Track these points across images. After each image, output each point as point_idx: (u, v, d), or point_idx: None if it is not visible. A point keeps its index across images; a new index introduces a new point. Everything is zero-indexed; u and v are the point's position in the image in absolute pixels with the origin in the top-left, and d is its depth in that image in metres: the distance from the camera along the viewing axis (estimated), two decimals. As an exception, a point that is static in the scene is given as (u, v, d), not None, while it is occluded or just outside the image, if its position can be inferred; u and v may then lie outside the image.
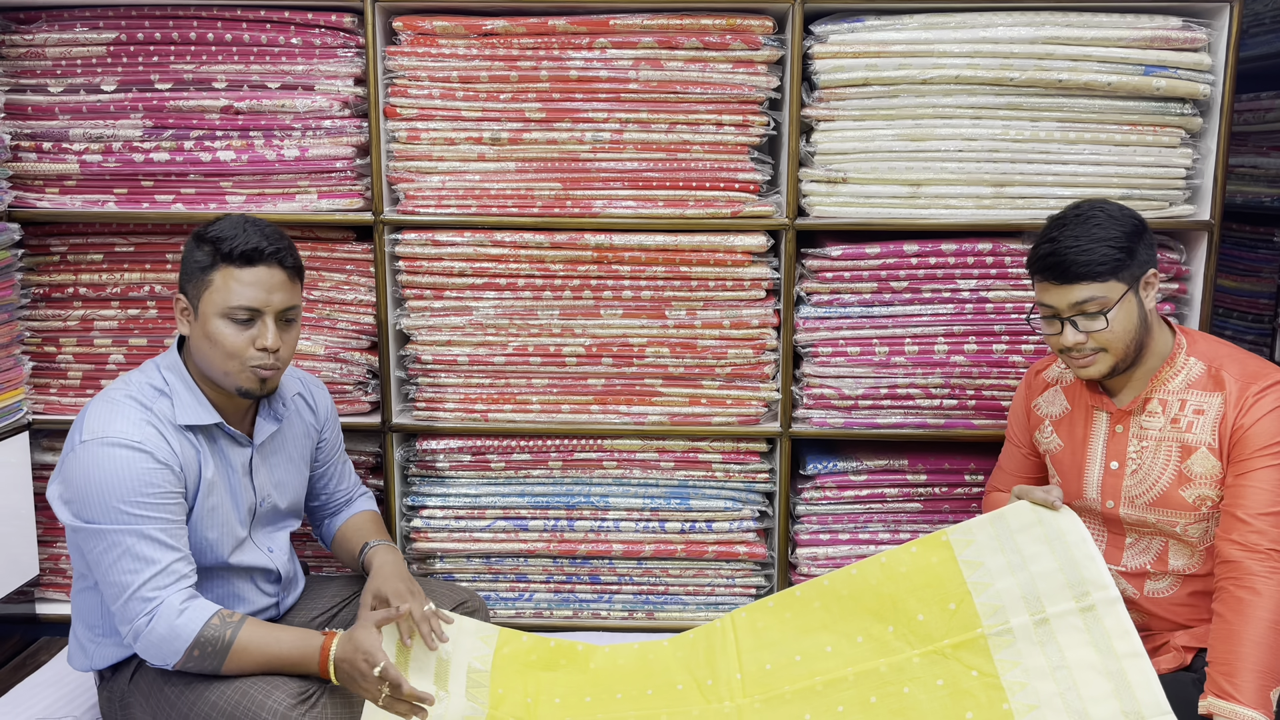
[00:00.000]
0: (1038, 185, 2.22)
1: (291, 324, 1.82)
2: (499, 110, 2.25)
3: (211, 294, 1.75)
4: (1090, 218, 1.73)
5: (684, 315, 2.32)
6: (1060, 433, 1.93)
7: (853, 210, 2.24)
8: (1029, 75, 2.15)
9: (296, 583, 2.03)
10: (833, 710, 1.79)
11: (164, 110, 2.26)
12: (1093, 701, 1.66)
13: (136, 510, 1.67)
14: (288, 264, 1.78)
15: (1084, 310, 1.73)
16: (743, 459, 2.39)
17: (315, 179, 2.28)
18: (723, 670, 1.93)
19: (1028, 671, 1.72)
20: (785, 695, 1.84)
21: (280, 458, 1.94)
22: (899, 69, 2.17)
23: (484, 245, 2.29)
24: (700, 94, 2.23)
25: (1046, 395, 1.99)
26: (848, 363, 2.30)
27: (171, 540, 1.70)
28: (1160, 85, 2.15)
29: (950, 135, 2.20)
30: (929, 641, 1.81)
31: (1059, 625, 1.73)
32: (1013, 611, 1.77)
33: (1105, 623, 1.70)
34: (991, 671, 1.74)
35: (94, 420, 1.71)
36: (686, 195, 2.26)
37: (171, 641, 1.67)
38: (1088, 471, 1.88)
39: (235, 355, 1.75)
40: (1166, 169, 2.21)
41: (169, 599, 1.68)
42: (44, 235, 2.37)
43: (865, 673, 1.82)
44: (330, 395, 2.12)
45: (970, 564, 1.85)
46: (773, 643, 1.94)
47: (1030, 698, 1.69)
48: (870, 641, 1.86)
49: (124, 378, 1.82)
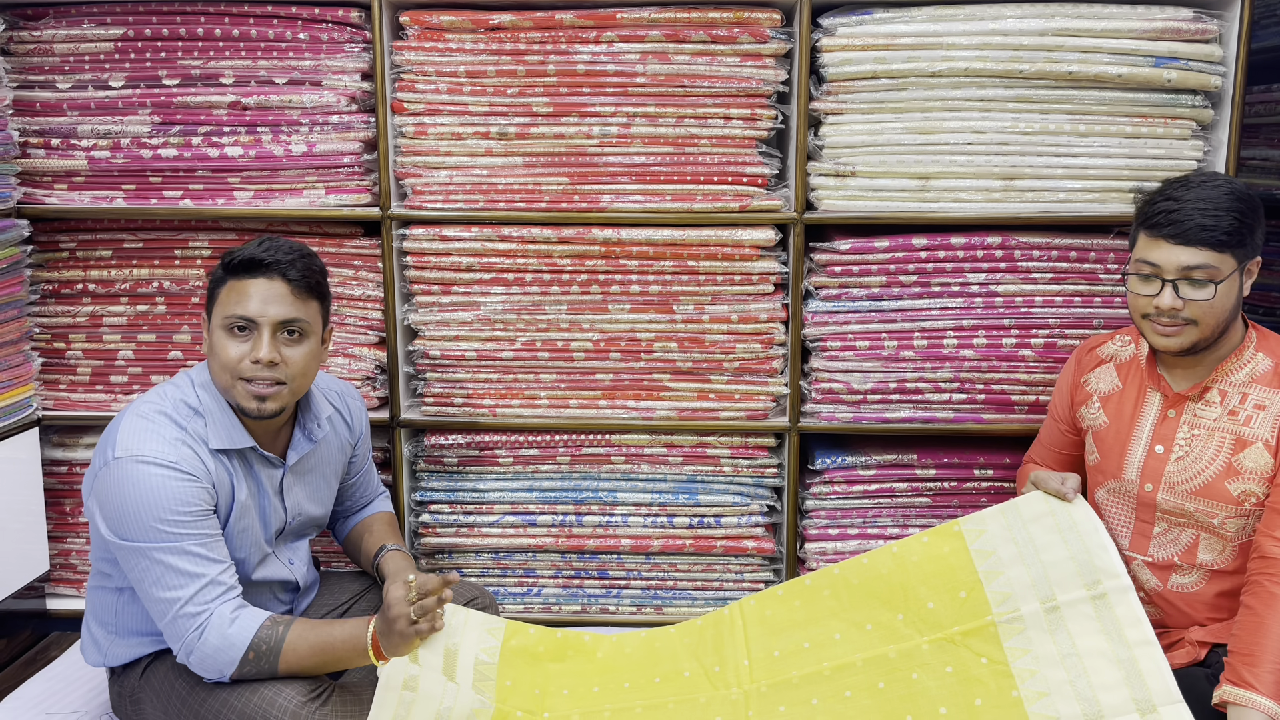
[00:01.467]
0: (1047, 178, 2.20)
1: (297, 341, 1.76)
2: (506, 105, 2.25)
3: (218, 307, 1.75)
4: (1220, 186, 1.71)
5: (692, 310, 2.31)
6: (1108, 409, 1.91)
7: (861, 204, 2.23)
8: (1039, 67, 2.14)
9: (313, 588, 2.04)
10: (840, 695, 1.79)
11: (172, 106, 2.26)
12: (1103, 689, 1.65)
13: (174, 529, 1.66)
14: (291, 276, 1.74)
15: (1190, 276, 1.70)
16: (751, 454, 2.38)
17: (323, 174, 2.28)
18: (730, 657, 1.93)
19: (1037, 659, 1.72)
20: (793, 680, 1.83)
21: (314, 476, 1.95)
22: (908, 61, 2.16)
23: (491, 240, 2.29)
24: (708, 88, 2.22)
25: (1099, 371, 1.96)
26: (856, 357, 2.30)
27: (212, 554, 1.69)
28: (1171, 77, 2.14)
29: (959, 128, 2.19)
30: (939, 629, 1.81)
31: (1070, 613, 1.73)
32: (1023, 599, 1.77)
33: (1117, 611, 1.70)
34: (1001, 659, 1.74)
35: (127, 436, 1.69)
36: (694, 189, 2.26)
37: (226, 651, 1.66)
38: (1130, 451, 1.85)
39: (229, 367, 1.73)
40: (1178, 161, 2.19)
41: (218, 610, 1.67)
42: (53, 231, 2.38)
43: (874, 659, 1.82)
44: (363, 402, 2.11)
45: (982, 553, 1.85)
46: (781, 630, 1.94)
47: (1040, 685, 1.69)
48: (880, 629, 1.86)
49: (159, 390, 1.79)
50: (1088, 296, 2.27)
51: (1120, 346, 1.96)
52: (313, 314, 1.79)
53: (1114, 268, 2.25)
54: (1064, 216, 2.21)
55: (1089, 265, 2.25)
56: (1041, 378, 2.28)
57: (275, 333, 1.74)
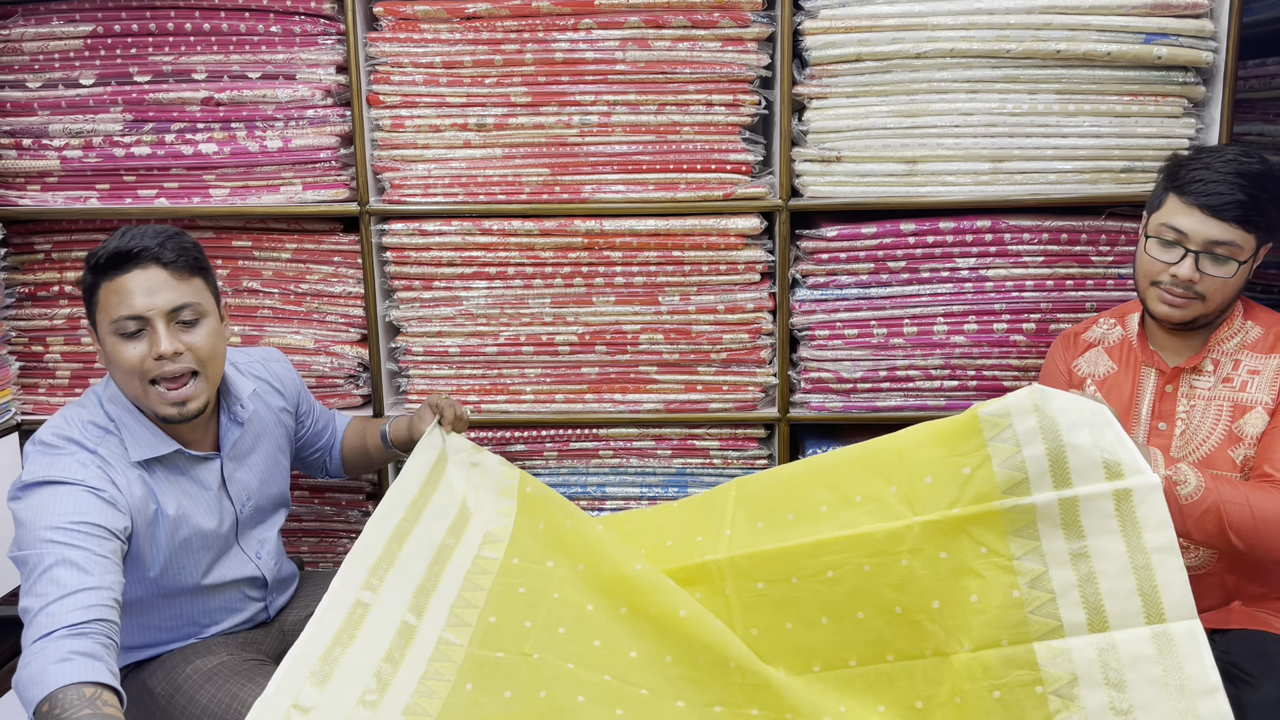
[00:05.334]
0: (1037, 159, 2.16)
1: (194, 325, 1.67)
2: (484, 95, 2.21)
3: (100, 314, 1.64)
4: (1255, 165, 1.69)
5: (677, 300, 2.28)
6: (1104, 392, 1.88)
7: (848, 189, 2.19)
8: (1026, 46, 2.10)
9: (288, 583, 1.99)
10: (822, 575, 1.64)
11: (144, 103, 2.23)
12: (1111, 597, 1.48)
13: (63, 537, 1.51)
14: (166, 259, 1.64)
15: (1214, 251, 1.69)
16: (741, 445, 2.35)
17: (299, 170, 2.24)
18: (714, 527, 1.78)
19: (1044, 556, 1.52)
20: (770, 554, 1.68)
21: (255, 456, 1.89)
22: (892, 43, 2.12)
23: (472, 234, 2.25)
24: (689, 74, 2.18)
25: (1088, 356, 1.94)
26: (845, 345, 2.26)
27: (91, 570, 1.49)
28: (1161, 53, 2.09)
29: (946, 110, 2.15)
30: (935, 508, 1.59)
31: (1086, 508, 1.51)
32: (1036, 485, 1.53)
33: (1139, 511, 1.48)
34: (1004, 551, 1.54)
35: (33, 466, 1.61)
36: (677, 178, 2.22)
37: (31, 687, 1.37)
38: (1133, 433, 1.81)
39: (132, 371, 1.63)
40: (1170, 139, 2.15)
41: (59, 639, 1.40)
42: (27, 233, 2.34)
43: (860, 537, 1.62)
44: (286, 360, 2.05)
45: (993, 423, 1.57)
46: (766, 500, 1.76)
47: (1044, 586, 1.52)
48: (870, 502, 1.65)
49: (63, 415, 1.69)
50: (1080, 279, 2.23)
51: (1106, 330, 1.93)
52: (200, 292, 1.70)
53: (1106, 250, 2.22)
54: (1054, 198, 2.17)
55: (1080, 247, 2.21)
56: (1034, 363, 2.24)
57: (169, 322, 1.65)
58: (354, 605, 1.57)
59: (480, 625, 1.66)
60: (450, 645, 1.62)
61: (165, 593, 1.76)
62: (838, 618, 1.63)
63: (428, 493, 1.84)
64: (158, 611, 1.77)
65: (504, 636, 1.66)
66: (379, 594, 1.61)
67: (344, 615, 1.55)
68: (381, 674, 1.52)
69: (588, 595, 1.73)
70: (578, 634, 1.67)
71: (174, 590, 1.76)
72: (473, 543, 1.81)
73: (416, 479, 1.84)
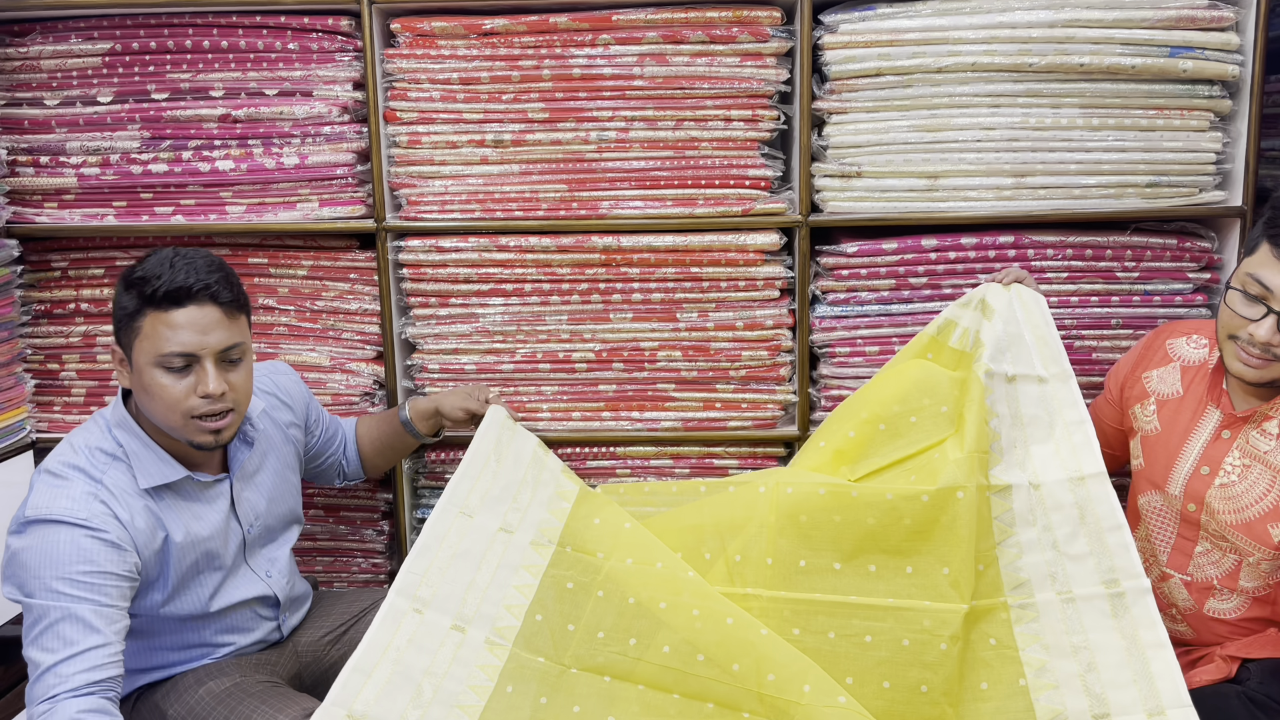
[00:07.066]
0: (1060, 174, 2.13)
1: (237, 364, 1.69)
2: (501, 111, 2.19)
3: (142, 342, 1.63)
4: None
5: (696, 317, 2.25)
6: (1162, 416, 1.80)
7: (868, 205, 2.16)
8: (1049, 60, 2.07)
9: (301, 602, 1.97)
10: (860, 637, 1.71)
11: (161, 120, 2.22)
12: (1114, 687, 1.61)
13: (73, 589, 1.52)
14: (223, 299, 1.65)
15: None
16: (760, 464, 2.32)
17: (316, 186, 2.23)
18: (753, 548, 1.80)
19: (1048, 648, 1.67)
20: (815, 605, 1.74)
21: (264, 475, 1.87)
22: (913, 58, 2.09)
23: (489, 250, 2.23)
24: (707, 89, 2.16)
25: (1162, 371, 1.84)
26: (866, 363, 2.23)
27: (99, 623, 1.52)
28: (1187, 67, 2.07)
29: (968, 125, 2.12)
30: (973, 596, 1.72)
31: (1085, 607, 1.67)
32: (1038, 587, 1.71)
33: (1133, 611, 1.64)
34: (1011, 643, 1.68)
35: (38, 497, 1.60)
36: (696, 194, 2.20)
37: None
38: (1178, 466, 1.76)
39: (175, 407, 1.63)
40: (1195, 154, 2.12)
41: (65, 703, 1.45)
42: (44, 251, 2.34)
43: (908, 611, 1.70)
44: (293, 372, 2.06)
45: (1003, 528, 1.77)
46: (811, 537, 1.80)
47: (1049, 677, 1.65)
48: (920, 577, 1.74)
49: (69, 442, 1.69)
50: (1105, 296, 2.20)
51: (1194, 349, 1.84)
52: (244, 331, 1.71)
53: (1131, 265, 2.18)
54: (1078, 213, 2.14)
55: (1105, 263, 2.18)
56: (1058, 380, 2.20)
57: (218, 362, 1.65)
58: (408, 613, 1.68)
59: (527, 623, 1.75)
60: (496, 645, 1.71)
61: (175, 616, 1.74)
62: (863, 681, 1.68)
63: (485, 482, 1.91)
64: (168, 634, 1.75)
65: (546, 641, 1.74)
66: (435, 594, 1.72)
67: (397, 624, 1.67)
68: (432, 671, 1.64)
69: (630, 589, 1.78)
70: (616, 635, 1.74)
71: (184, 614, 1.74)
72: (529, 530, 1.88)
73: (477, 466, 1.92)
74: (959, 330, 1.93)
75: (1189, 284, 2.19)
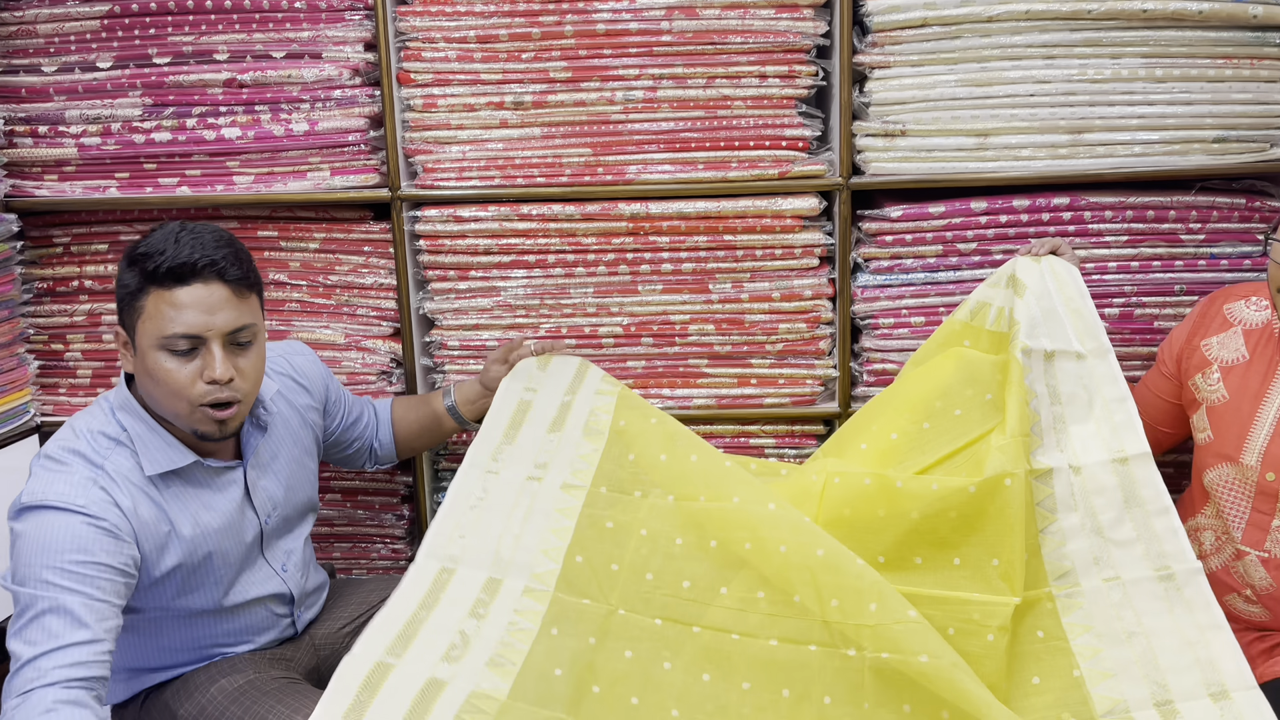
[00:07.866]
0: (1121, 130, 2.00)
1: (247, 347, 1.57)
2: (521, 71, 2.07)
3: (145, 323, 1.51)
4: None
5: (729, 288, 2.14)
6: (1229, 383, 1.71)
7: (913, 166, 2.04)
8: (1109, 6, 1.93)
9: (317, 594, 1.87)
10: None
11: (164, 86, 2.11)
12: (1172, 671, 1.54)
13: (64, 580, 1.41)
14: (230, 276, 1.52)
15: None
16: (798, 443, 2.21)
17: (327, 154, 2.12)
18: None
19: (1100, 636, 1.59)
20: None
21: (281, 461, 1.77)
22: (961, 6, 1.96)
23: (510, 219, 2.12)
24: (740, 44, 2.03)
25: (1223, 337, 1.76)
26: (912, 334, 2.11)
27: (89, 618, 1.41)
28: (1258, 12, 1.93)
29: (1020, 78, 1.99)
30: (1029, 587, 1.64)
31: (1135, 591, 1.61)
32: (1084, 574, 1.63)
33: (1185, 593, 1.58)
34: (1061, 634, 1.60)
35: (35, 483, 1.50)
36: (729, 156, 2.07)
37: None
38: (1253, 433, 1.66)
39: (180, 393, 1.52)
40: (1266, 107, 1.99)
41: (40, 693, 1.35)
42: (45, 226, 2.24)
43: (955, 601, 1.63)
44: (311, 351, 1.93)
45: (1045, 514, 1.69)
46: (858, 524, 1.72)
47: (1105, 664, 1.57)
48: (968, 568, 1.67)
49: (71, 426, 1.58)
50: (1167, 260, 2.07)
51: (1255, 311, 1.75)
52: (255, 311, 1.60)
53: (1196, 227, 2.05)
54: (1139, 172, 2.01)
55: (1168, 225, 2.05)
56: (1119, 350, 2.06)
57: (225, 344, 1.54)
58: (438, 572, 1.60)
59: (567, 564, 1.64)
60: (536, 591, 1.61)
61: (184, 614, 1.64)
62: None
63: (512, 434, 1.84)
64: (177, 633, 1.66)
65: (590, 582, 1.65)
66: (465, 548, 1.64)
67: (430, 581, 1.58)
68: (465, 630, 1.52)
69: (677, 529, 1.71)
70: (666, 577, 1.66)
71: (193, 611, 1.65)
72: (560, 471, 1.78)
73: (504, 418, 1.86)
74: (994, 311, 1.84)
75: (1258, 246, 2.06)
